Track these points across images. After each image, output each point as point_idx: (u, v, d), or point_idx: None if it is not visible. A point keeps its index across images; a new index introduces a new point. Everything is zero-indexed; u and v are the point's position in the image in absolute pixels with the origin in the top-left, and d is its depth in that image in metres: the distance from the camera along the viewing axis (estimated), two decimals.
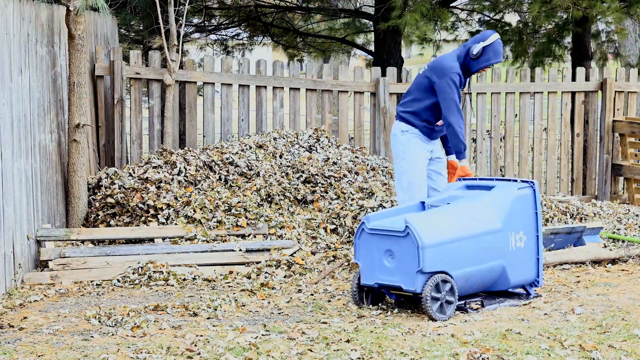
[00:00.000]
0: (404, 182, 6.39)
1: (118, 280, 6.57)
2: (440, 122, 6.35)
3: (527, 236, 5.90)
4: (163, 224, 7.28)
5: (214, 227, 7.26)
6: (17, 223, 6.30)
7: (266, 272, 6.75)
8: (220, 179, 7.80)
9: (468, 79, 6.46)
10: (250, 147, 8.16)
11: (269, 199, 7.66)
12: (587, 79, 10.02)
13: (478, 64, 6.28)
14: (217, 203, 7.37)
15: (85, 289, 6.43)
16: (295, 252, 7.06)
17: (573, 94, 9.97)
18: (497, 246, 5.75)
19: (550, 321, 5.38)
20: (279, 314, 5.68)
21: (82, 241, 7.04)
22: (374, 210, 7.50)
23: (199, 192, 7.55)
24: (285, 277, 6.71)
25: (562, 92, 10.01)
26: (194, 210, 7.31)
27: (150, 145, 8.61)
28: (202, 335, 5.02)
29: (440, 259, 5.50)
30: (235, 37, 13.85)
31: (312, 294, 6.21)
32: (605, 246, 7.52)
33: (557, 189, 10.02)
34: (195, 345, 4.81)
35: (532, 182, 5.97)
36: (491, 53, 6.27)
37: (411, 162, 6.37)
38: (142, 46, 10.75)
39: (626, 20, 14.41)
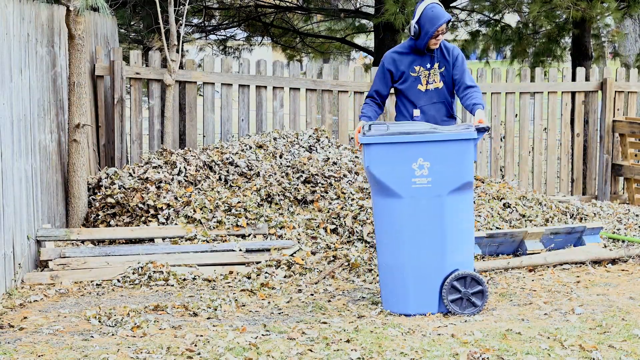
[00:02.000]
0: None
1: (118, 280, 6.57)
2: (417, 111, 6.22)
3: None
4: (163, 224, 7.28)
5: (214, 227, 7.26)
6: (17, 223, 6.30)
7: (266, 272, 6.75)
8: (220, 179, 7.80)
9: (435, 57, 6.20)
10: (250, 147, 8.16)
11: (269, 199, 7.66)
12: (587, 79, 10.02)
13: (422, 40, 6.07)
14: (217, 203, 7.37)
15: (85, 289, 6.43)
16: (295, 252, 7.06)
17: (573, 94, 9.98)
18: None
19: (550, 321, 5.38)
20: (279, 314, 5.68)
21: (82, 241, 7.04)
22: None
23: (199, 192, 7.55)
24: (285, 277, 6.71)
25: (562, 92, 10.01)
26: (194, 210, 7.31)
27: (150, 145, 8.61)
28: (202, 335, 5.02)
29: None
30: (235, 37, 13.86)
31: (312, 294, 6.21)
32: (605, 246, 7.53)
33: (557, 189, 10.02)
34: (195, 345, 4.81)
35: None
36: (427, 24, 6.01)
37: None
38: (142, 46, 10.76)
39: (626, 20, 14.43)
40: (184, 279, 6.63)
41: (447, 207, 5.59)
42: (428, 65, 6.19)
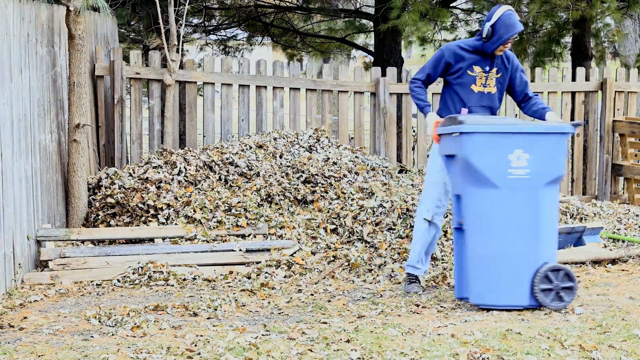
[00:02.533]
0: (427, 183, 6.28)
1: (118, 280, 6.57)
2: (464, 110, 6.18)
3: None
4: (163, 224, 7.28)
5: (214, 227, 7.26)
6: (17, 223, 6.30)
7: (266, 272, 6.75)
8: (220, 179, 7.80)
9: (495, 61, 6.21)
10: (250, 147, 8.16)
11: (269, 199, 7.66)
12: (587, 79, 10.02)
13: (492, 44, 6.08)
14: (217, 203, 7.37)
15: (85, 289, 6.43)
16: (295, 252, 7.06)
17: (573, 94, 9.98)
18: None
19: (550, 321, 5.38)
20: (279, 314, 5.68)
21: (82, 241, 7.04)
22: (374, 211, 7.50)
23: (199, 192, 7.55)
24: (285, 277, 6.71)
25: (562, 92, 10.01)
26: (194, 210, 7.31)
27: (150, 145, 8.61)
28: (202, 335, 5.02)
29: None
30: (235, 37, 13.86)
31: (312, 294, 6.21)
32: (605, 246, 7.52)
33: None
34: (195, 345, 4.81)
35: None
36: (502, 30, 6.04)
37: (435, 166, 6.23)
38: (142, 46, 10.75)
39: (626, 20, 14.43)
40: (184, 279, 6.62)
41: (542, 199, 5.65)
42: (487, 68, 6.20)
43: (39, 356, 4.68)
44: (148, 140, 8.72)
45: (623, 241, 7.70)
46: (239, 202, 7.43)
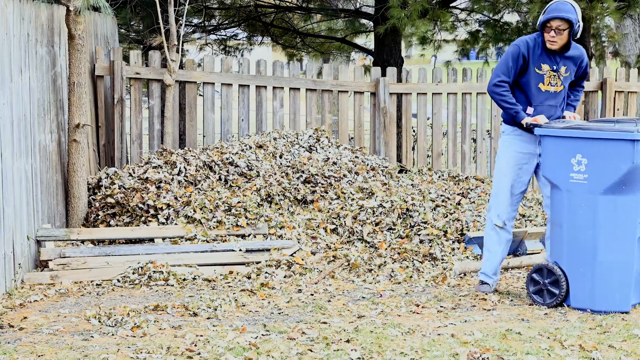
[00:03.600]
0: (493, 187, 6.15)
1: (118, 280, 6.57)
2: (530, 110, 5.99)
3: None
4: (163, 224, 7.28)
5: (214, 227, 7.26)
6: (17, 223, 6.30)
7: (266, 272, 6.75)
8: (220, 179, 7.80)
9: (557, 57, 6.00)
10: (250, 147, 8.16)
11: (269, 199, 7.66)
12: (587, 79, 10.02)
13: (540, 32, 5.91)
14: (217, 203, 7.38)
15: (85, 289, 6.43)
16: (295, 252, 7.06)
17: None
18: None
19: (550, 321, 5.39)
20: (279, 314, 5.68)
21: (82, 241, 7.04)
22: (374, 211, 7.50)
23: (199, 192, 7.55)
24: (285, 277, 6.71)
25: None
26: (194, 210, 7.31)
27: (150, 145, 8.61)
28: (202, 335, 5.03)
29: None
30: (235, 37, 13.86)
31: (312, 294, 6.22)
32: None
33: None
34: (195, 345, 4.82)
35: None
36: (542, 15, 5.86)
37: (499, 169, 6.11)
38: (142, 46, 10.76)
39: (626, 20, 14.44)
40: (184, 279, 6.63)
41: None
42: (555, 67, 6.01)
43: (39, 356, 4.68)
44: (148, 140, 8.72)
45: None
46: (239, 202, 7.43)
